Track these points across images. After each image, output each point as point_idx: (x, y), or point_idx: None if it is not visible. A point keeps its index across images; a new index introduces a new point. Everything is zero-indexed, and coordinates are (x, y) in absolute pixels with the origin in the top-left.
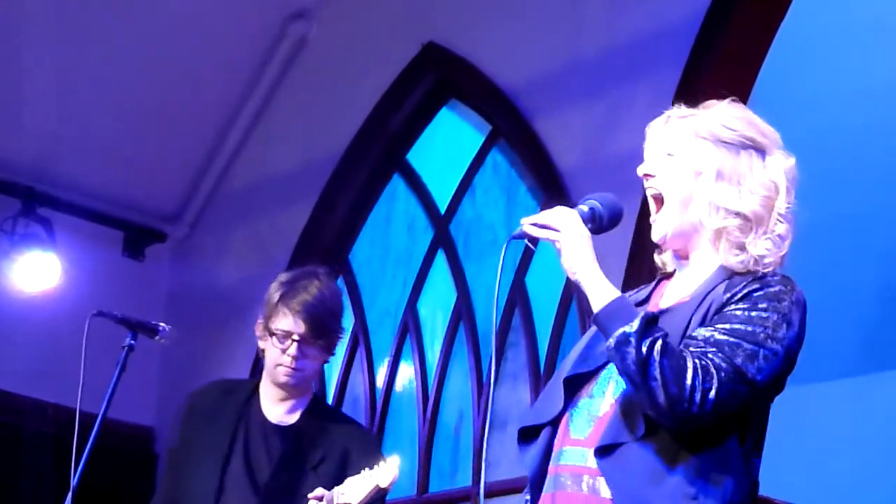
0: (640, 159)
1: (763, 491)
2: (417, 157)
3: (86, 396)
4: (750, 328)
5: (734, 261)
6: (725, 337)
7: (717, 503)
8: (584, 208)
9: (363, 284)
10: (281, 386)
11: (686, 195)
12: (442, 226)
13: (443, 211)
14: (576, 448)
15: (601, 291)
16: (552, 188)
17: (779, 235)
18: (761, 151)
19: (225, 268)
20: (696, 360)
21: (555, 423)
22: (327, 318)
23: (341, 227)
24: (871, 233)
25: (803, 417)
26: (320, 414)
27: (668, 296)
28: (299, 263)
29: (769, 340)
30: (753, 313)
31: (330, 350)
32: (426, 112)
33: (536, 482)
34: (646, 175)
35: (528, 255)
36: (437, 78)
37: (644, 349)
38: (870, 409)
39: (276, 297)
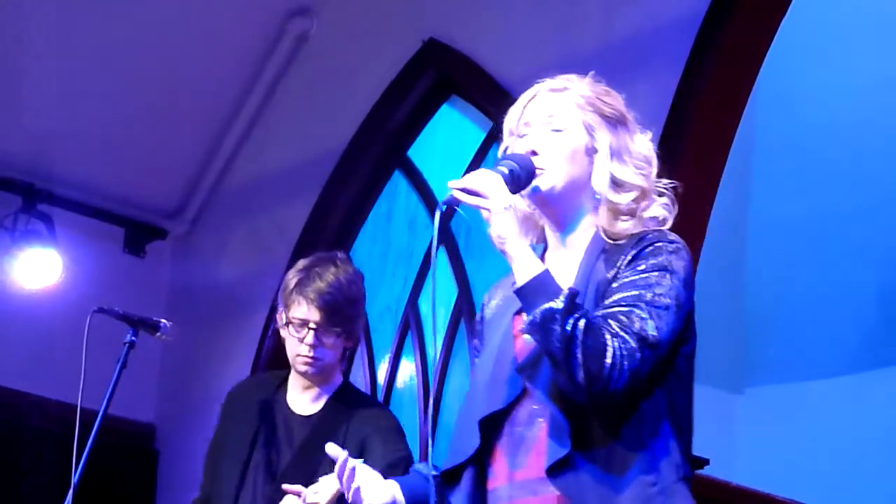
0: None
1: (764, 487)
2: (418, 153)
3: (87, 393)
4: (636, 292)
5: (625, 226)
6: (618, 308)
7: (672, 475)
8: (504, 170)
9: (367, 281)
10: (303, 375)
11: (578, 170)
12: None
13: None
14: (522, 482)
15: (527, 264)
16: None
17: (664, 204)
18: (628, 126)
19: (226, 264)
20: (615, 340)
21: (476, 461)
22: (344, 305)
23: (342, 224)
24: (871, 229)
25: (804, 414)
26: (346, 401)
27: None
28: (301, 258)
29: (657, 297)
30: (636, 277)
31: (350, 337)
32: (427, 108)
33: None
34: (532, 152)
35: None
36: (437, 74)
37: (569, 327)
38: (870, 406)
39: (291, 284)
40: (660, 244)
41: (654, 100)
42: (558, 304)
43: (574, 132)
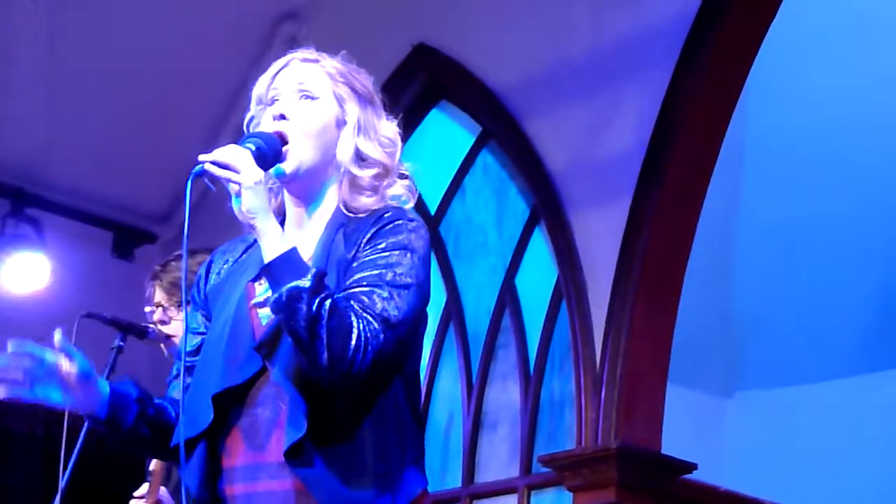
0: (631, 161)
1: (752, 492)
2: (408, 157)
3: None
4: (377, 272)
5: (366, 202)
6: (360, 288)
7: (404, 461)
8: (252, 147)
9: None
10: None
11: (327, 141)
12: (432, 227)
13: (433, 212)
14: (262, 464)
15: (275, 241)
16: (542, 190)
17: (407, 186)
18: (376, 108)
19: None
20: (359, 321)
21: (208, 435)
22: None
23: None
24: (861, 233)
25: (793, 419)
26: None
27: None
28: None
29: (398, 277)
30: (376, 256)
31: None
32: (416, 113)
33: (204, 499)
34: (281, 115)
35: (517, 257)
36: (427, 79)
37: (314, 307)
38: (859, 411)
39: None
40: (399, 222)
41: (644, 104)
42: (305, 283)
43: (325, 102)
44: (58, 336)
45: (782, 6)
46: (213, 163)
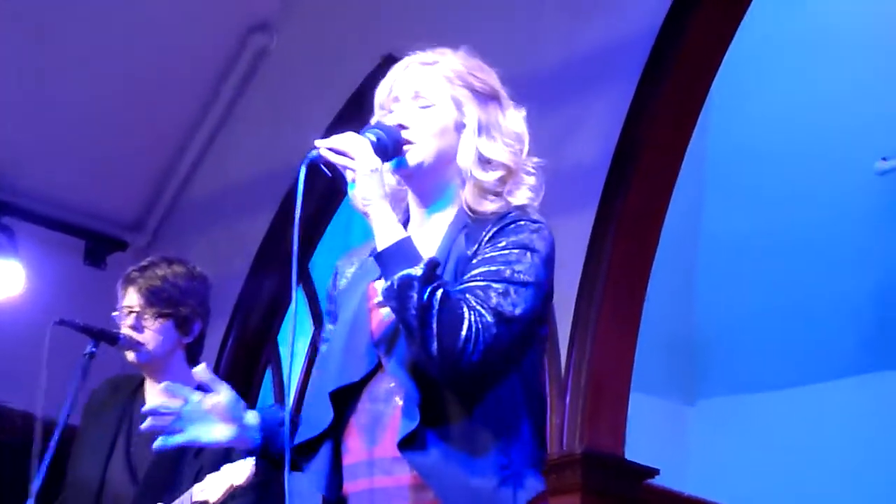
0: (596, 173)
1: (723, 498)
2: None
3: (49, 404)
4: (494, 268)
5: (488, 207)
6: (475, 283)
7: (526, 459)
8: (373, 137)
9: (322, 292)
10: (135, 365)
11: (447, 144)
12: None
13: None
14: (379, 460)
15: (389, 229)
16: None
17: (532, 186)
18: (500, 102)
19: None
20: (471, 313)
21: (332, 434)
22: (169, 292)
23: (302, 236)
24: (814, 246)
25: (754, 425)
26: None
27: None
28: (260, 271)
29: (516, 274)
30: (496, 253)
31: (180, 325)
32: None
33: (333, 497)
34: (399, 126)
35: None
36: None
37: (426, 296)
38: (818, 417)
39: (122, 279)
40: (522, 222)
41: (609, 117)
42: (417, 271)
43: (442, 107)
44: (199, 369)
45: (742, 25)
46: (330, 149)
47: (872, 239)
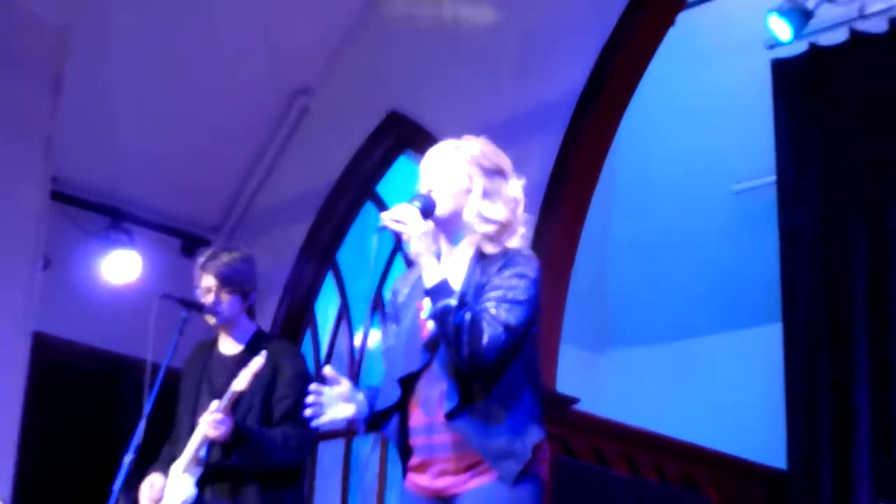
0: (537, 192)
1: (628, 420)
2: (384, 188)
3: (158, 354)
4: (502, 292)
5: (492, 250)
6: (491, 303)
7: (528, 419)
8: (418, 205)
9: (346, 276)
10: (216, 327)
11: (457, 204)
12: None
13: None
14: (432, 424)
15: (433, 273)
16: None
17: (522, 235)
18: (504, 175)
19: None
20: (489, 327)
21: (399, 406)
22: (232, 273)
23: (332, 237)
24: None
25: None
26: (261, 340)
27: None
28: (302, 262)
29: (515, 296)
30: (503, 281)
31: (245, 297)
32: (390, 159)
33: (403, 451)
34: (429, 191)
35: None
36: (397, 135)
37: (459, 319)
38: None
39: (198, 265)
40: (519, 258)
41: (546, 151)
42: (452, 301)
43: (457, 178)
44: (328, 370)
45: (641, 85)
46: (391, 219)
47: (730, 237)
